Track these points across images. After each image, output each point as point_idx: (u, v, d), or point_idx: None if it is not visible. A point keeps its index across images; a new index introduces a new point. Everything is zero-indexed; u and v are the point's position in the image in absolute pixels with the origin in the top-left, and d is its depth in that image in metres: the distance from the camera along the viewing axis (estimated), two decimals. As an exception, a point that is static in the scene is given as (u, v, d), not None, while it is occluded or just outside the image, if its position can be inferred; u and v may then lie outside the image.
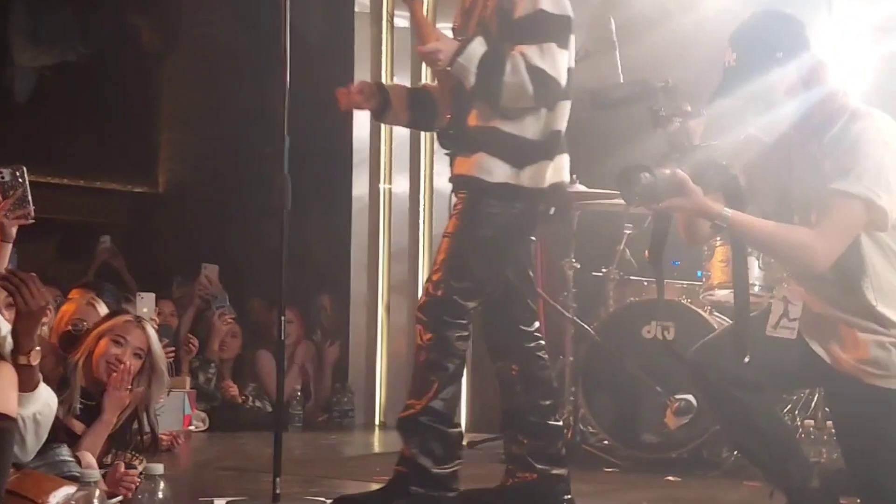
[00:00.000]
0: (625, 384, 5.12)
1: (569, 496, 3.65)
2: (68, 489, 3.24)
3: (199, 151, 8.06)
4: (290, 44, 3.70)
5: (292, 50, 3.72)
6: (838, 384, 3.05)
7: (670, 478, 4.78)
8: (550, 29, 3.44)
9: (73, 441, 3.74)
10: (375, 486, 3.91)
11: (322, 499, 3.81)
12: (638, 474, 4.86)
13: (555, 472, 3.62)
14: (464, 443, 3.66)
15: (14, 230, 3.54)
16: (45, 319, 4.03)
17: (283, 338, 3.75)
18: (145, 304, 5.05)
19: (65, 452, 3.48)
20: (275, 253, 3.67)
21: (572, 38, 3.55)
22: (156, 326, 5.09)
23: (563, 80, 3.47)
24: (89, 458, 3.60)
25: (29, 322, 2.73)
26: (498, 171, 3.49)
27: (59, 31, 7.95)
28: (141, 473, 4.15)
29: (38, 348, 2.76)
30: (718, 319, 5.12)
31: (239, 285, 7.28)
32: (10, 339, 2.76)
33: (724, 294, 5.11)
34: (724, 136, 3.09)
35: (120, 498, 3.41)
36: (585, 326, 5.28)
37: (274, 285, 3.71)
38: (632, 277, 5.44)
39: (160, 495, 2.79)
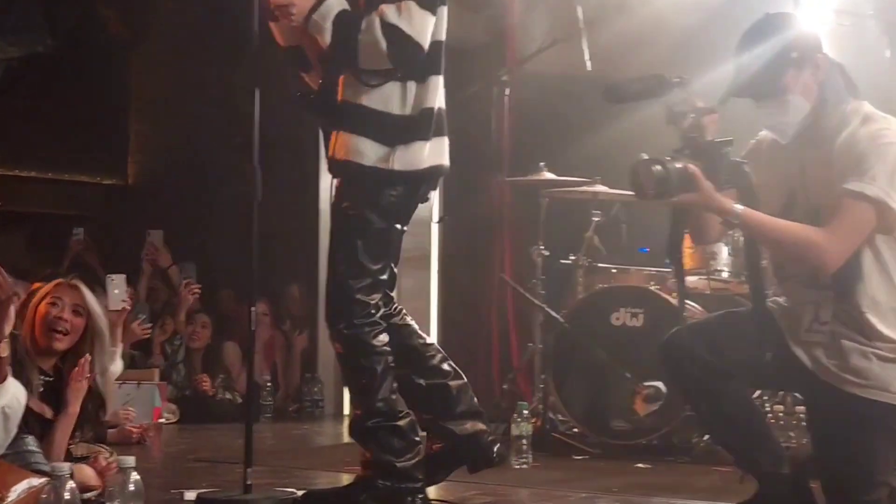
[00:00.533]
0: (594, 371, 5.13)
1: None
2: (32, 481, 3.22)
3: (169, 142, 8.02)
4: (259, 33, 3.66)
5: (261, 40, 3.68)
6: (817, 391, 3.04)
7: (640, 465, 4.79)
8: None
9: (45, 426, 3.72)
10: (346, 476, 3.91)
11: (292, 490, 3.80)
12: (608, 461, 4.87)
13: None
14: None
15: None
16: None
17: (252, 328, 3.73)
18: (116, 285, 4.99)
19: (31, 442, 3.45)
20: (244, 243, 3.64)
21: (444, 11, 3.47)
22: (129, 307, 5.06)
23: (424, 43, 3.31)
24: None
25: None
26: (369, 152, 3.38)
27: (27, 22, 7.87)
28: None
29: (6, 340, 2.73)
30: (688, 306, 5.14)
31: (209, 276, 7.26)
32: None
33: (692, 280, 5.13)
34: (736, 133, 3.07)
35: (96, 492, 3.40)
36: (554, 314, 5.29)
37: (244, 276, 3.69)
38: (600, 264, 5.45)
39: (132, 487, 2.77)
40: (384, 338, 3.43)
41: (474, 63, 5.91)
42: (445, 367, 3.60)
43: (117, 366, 4.70)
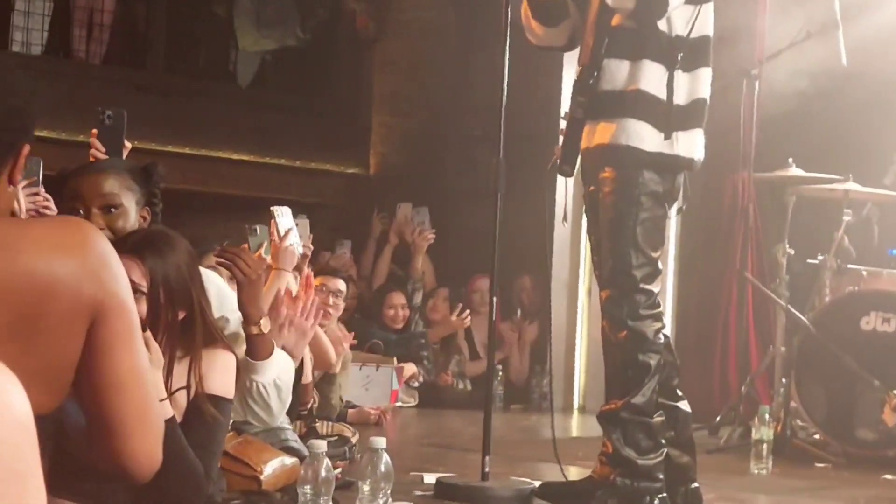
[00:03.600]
0: (840, 377, 4.95)
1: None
2: (285, 459, 3.36)
3: (409, 134, 8.21)
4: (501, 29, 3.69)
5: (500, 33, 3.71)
6: None
7: (888, 476, 4.59)
8: None
9: None
10: (575, 470, 3.90)
11: (528, 479, 3.82)
12: (852, 471, 4.69)
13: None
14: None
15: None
16: None
17: (493, 319, 3.77)
18: (300, 229, 5.05)
19: (284, 421, 3.60)
20: (478, 233, 3.68)
21: (710, 7, 3.40)
22: (308, 252, 5.10)
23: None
24: None
25: (251, 291, 2.81)
26: (651, 137, 3.35)
27: (280, 16, 8.22)
28: (353, 446, 4.31)
29: (266, 317, 2.84)
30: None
31: (444, 265, 7.39)
32: (239, 315, 2.84)
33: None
34: None
35: (339, 470, 3.52)
36: (799, 316, 5.12)
37: (478, 265, 3.73)
38: (850, 266, 5.23)
39: (382, 469, 2.84)
40: (661, 334, 3.40)
41: (723, 56, 5.78)
42: (679, 392, 3.54)
43: None
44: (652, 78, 3.36)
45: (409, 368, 6.48)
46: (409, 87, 8.23)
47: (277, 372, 2.78)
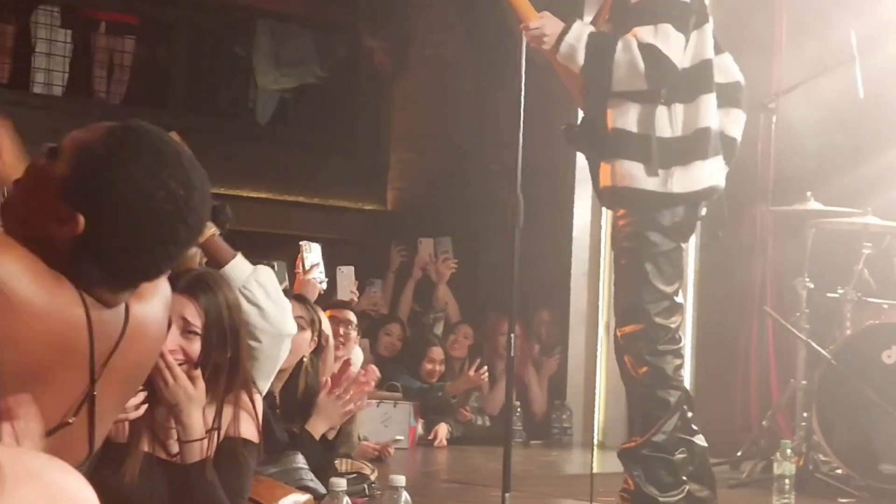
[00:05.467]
0: (862, 410, 4.91)
1: None
2: (298, 497, 3.35)
3: (427, 170, 8.24)
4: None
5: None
6: None
7: (912, 511, 4.55)
8: (665, 10, 3.28)
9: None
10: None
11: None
12: (876, 506, 4.65)
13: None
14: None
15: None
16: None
17: (512, 354, 3.76)
18: (345, 277, 5.06)
19: (300, 460, 3.58)
20: (497, 268, 3.69)
21: (709, 28, 3.39)
22: (355, 299, 5.13)
23: (678, 62, 3.29)
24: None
25: None
26: (643, 176, 3.35)
27: (299, 54, 8.29)
28: (372, 483, 4.29)
29: (212, 228, 2.79)
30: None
31: (462, 300, 7.39)
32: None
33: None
34: None
35: None
36: (819, 349, 5.09)
37: (495, 299, 3.74)
38: (870, 299, 5.21)
39: (402, 507, 2.83)
40: (682, 370, 3.40)
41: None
42: (695, 426, 3.53)
43: (357, 355, 4.80)
44: (630, 115, 3.36)
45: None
46: (427, 123, 8.28)
47: (248, 271, 2.73)
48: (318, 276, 4.51)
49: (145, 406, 2.43)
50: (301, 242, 4.33)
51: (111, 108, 7.88)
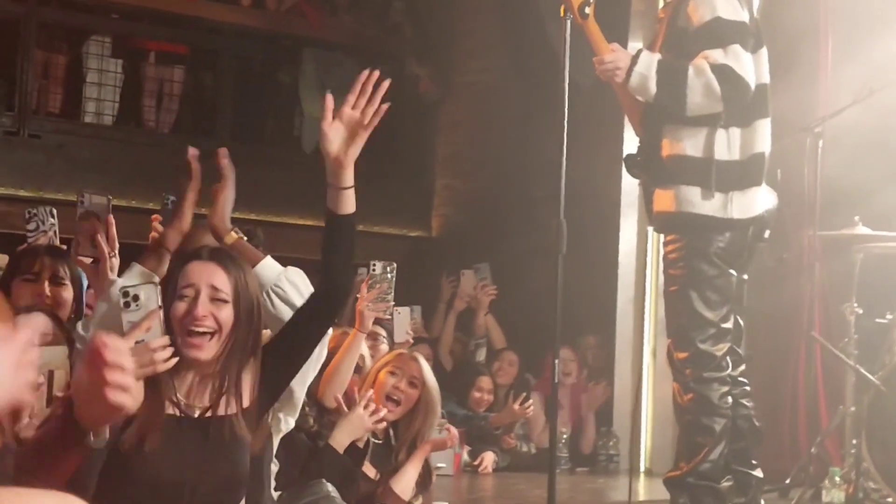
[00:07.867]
0: (913, 437, 4.84)
1: None
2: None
3: (472, 195, 8.27)
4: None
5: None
6: None
7: (965, 540, 4.47)
8: (732, 32, 3.29)
9: (368, 485, 3.86)
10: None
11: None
12: (928, 534, 4.57)
13: None
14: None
15: (370, 322, 3.66)
16: None
17: (556, 381, 3.75)
18: (401, 318, 5.12)
19: (331, 490, 3.56)
20: (542, 294, 3.69)
21: (764, 52, 3.38)
22: (411, 339, 5.17)
23: (752, 82, 3.28)
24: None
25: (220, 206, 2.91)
26: (701, 201, 3.34)
27: (344, 82, 8.34)
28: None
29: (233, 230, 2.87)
30: None
31: (508, 325, 7.38)
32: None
33: None
34: None
35: None
36: (869, 375, 5.03)
37: (540, 326, 3.75)
38: (920, 324, 5.15)
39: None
40: (729, 398, 3.37)
41: (786, 114, 5.78)
42: (755, 461, 3.51)
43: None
44: (689, 141, 3.36)
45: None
46: (472, 148, 8.31)
47: (279, 270, 2.76)
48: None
49: (175, 359, 2.40)
50: (372, 262, 4.35)
51: (160, 137, 7.99)
